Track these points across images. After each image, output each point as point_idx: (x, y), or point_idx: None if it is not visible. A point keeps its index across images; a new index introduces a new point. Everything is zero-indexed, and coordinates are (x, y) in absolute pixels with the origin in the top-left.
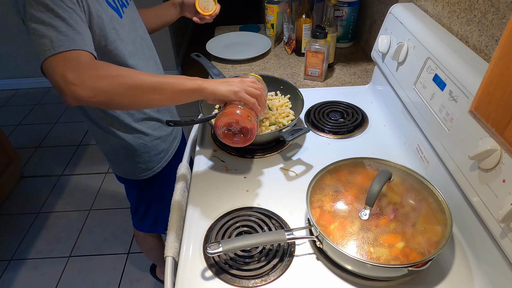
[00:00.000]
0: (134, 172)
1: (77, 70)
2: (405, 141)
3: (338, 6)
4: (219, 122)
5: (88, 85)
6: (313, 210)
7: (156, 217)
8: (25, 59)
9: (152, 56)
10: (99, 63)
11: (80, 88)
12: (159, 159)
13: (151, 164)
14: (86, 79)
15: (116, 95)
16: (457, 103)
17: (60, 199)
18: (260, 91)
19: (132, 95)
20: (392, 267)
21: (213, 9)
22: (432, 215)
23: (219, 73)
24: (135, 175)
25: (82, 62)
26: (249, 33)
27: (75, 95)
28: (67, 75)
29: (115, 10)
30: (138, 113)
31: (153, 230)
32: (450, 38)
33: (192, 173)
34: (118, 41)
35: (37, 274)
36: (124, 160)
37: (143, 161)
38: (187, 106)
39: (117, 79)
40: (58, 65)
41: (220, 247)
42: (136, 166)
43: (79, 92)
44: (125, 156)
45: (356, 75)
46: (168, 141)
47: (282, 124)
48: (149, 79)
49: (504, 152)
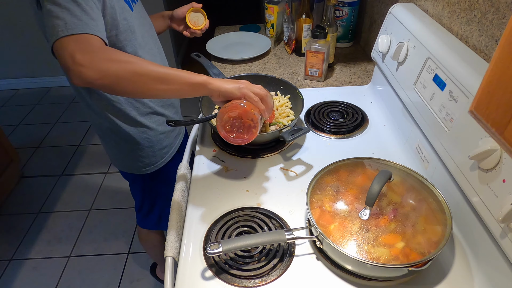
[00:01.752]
0: (138, 166)
1: (86, 52)
2: (405, 141)
3: (338, 6)
4: (223, 115)
5: (96, 67)
6: (313, 210)
7: (160, 214)
8: (25, 59)
9: (159, 53)
10: (109, 48)
11: (88, 69)
12: (162, 154)
13: (155, 159)
14: (94, 61)
15: (122, 80)
16: (457, 103)
17: (60, 199)
18: (266, 93)
19: (138, 82)
20: (392, 267)
21: (203, 24)
22: (432, 215)
23: (219, 73)
24: (139, 170)
25: (93, 46)
26: (249, 33)
27: (82, 76)
28: (76, 56)
29: (126, 2)
30: (143, 107)
31: (157, 227)
32: (450, 38)
33: (192, 173)
34: (128, 31)
35: (37, 274)
36: (128, 154)
37: (147, 155)
38: (187, 106)
39: (125, 65)
40: (69, 46)
41: (220, 247)
42: (140, 160)
43: (86, 73)
44: (129, 150)
45: (356, 75)
46: (171, 136)
47: (282, 124)
48: (157, 68)
49: (504, 152)
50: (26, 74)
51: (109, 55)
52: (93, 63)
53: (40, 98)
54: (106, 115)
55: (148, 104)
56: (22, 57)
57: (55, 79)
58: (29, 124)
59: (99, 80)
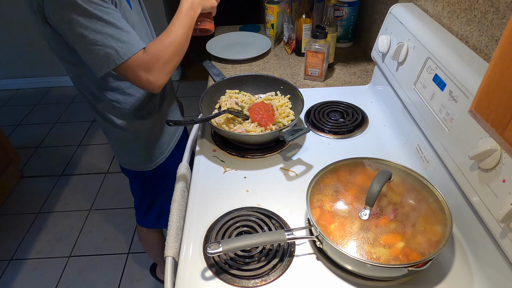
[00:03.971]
0: (137, 162)
1: (147, 70)
2: (405, 141)
3: (338, 6)
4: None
5: (162, 77)
6: (313, 210)
7: (160, 212)
8: (25, 59)
9: None
10: (152, 50)
11: (159, 82)
12: (162, 151)
13: (154, 157)
14: (157, 73)
15: (177, 61)
16: (457, 103)
17: (60, 199)
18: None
19: (182, 51)
20: (392, 267)
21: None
22: (432, 215)
23: (219, 73)
24: (138, 166)
25: (147, 61)
26: (249, 33)
27: (158, 87)
28: (143, 78)
29: (127, 2)
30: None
31: (156, 225)
32: (450, 38)
33: (192, 173)
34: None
35: (37, 274)
36: (128, 151)
37: (146, 153)
38: (187, 106)
39: (171, 50)
40: (127, 71)
41: (220, 247)
42: (139, 157)
43: (159, 84)
44: (128, 146)
45: (356, 75)
46: (169, 133)
47: (282, 124)
48: (179, 31)
49: (504, 152)
50: (26, 74)
51: (160, 58)
52: (158, 75)
53: (40, 98)
54: (106, 115)
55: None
56: (22, 57)
57: (55, 79)
58: (29, 124)
59: (167, 78)
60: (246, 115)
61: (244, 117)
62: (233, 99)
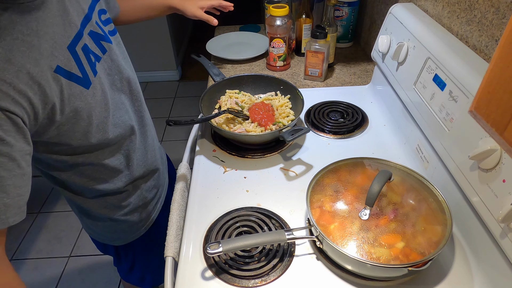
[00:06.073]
0: (109, 240)
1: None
2: (405, 141)
3: (338, 6)
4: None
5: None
6: (313, 210)
7: (143, 274)
8: None
9: (134, 97)
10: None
11: None
12: (138, 228)
13: (130, 235)
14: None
15: None
16: (457, 103)
17: (60, 199)
18: None
19: None
20: (392, 267)
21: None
22: (432, 215)
23: (219, 73)
24: (110, 242)
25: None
26: (249, 33)
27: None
28: None
29: (79, 83)
30: (114, 208)
31: (141, 284)
32: (450, 38)
33: (192, 173)
34: (84, 115)
35: (37, 274)
36: (98, 230)
37: (121, 236)
38: (187, 106)
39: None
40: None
41: (220, 247)
42: (110, 236)
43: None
44: (98, 227)
45: (356, 75)
46: (147, 210)
47: (282, 124)
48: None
49: (504, 152)
50: None
51: None
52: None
53: None
54: (77, 205)
55: (119, 204)
56: None
57: None
58: None
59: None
60: (246, 115)
61: (244, 117)
62: (233, 99)
